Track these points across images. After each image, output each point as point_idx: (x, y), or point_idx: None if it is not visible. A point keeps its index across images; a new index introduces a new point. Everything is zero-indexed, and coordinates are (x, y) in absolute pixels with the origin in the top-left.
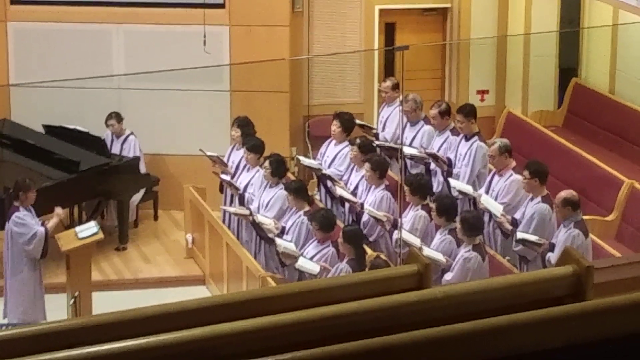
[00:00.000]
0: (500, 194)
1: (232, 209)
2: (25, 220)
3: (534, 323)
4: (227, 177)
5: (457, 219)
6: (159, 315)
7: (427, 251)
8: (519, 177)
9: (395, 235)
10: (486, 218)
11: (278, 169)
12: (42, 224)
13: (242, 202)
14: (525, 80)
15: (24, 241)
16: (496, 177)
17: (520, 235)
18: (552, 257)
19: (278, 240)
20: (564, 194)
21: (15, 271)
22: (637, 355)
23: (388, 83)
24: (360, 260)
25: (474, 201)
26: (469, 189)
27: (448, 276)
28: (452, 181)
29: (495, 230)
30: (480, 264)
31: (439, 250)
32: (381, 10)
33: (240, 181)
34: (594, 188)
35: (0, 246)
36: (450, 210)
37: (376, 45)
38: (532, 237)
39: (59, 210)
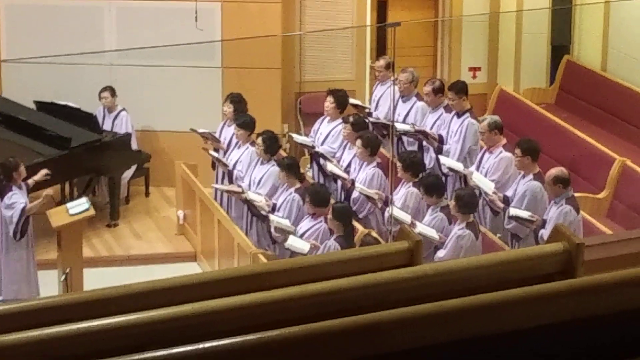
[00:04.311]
0: (489, 171)
1: (224, 187)
2: (13, 201)
3: (524, 300)
4: (216, 154)
5: (452, 195)
6: (149, 292)
7: (421, 227)
8: (508, 154)
9: (387, 212)
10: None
11: (271, 146)
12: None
13: (230, 179)
14: (518, 57)
15: (10, 219)
16: (486, 154)
17: (512, 211)
18: (545, 233)
19: (272, 216)
20: (554, 171)
21: (10, 249)
22: (626, 333)
23: (381, 62)
24: (349, 237)
25: (464, 179)
26: (459, 166)
27: (441, 253)
28: (442, 158)
29: (484, 208)
30: (474, 242)
31: (431, 228)
32: None
33: (231, 158)
34: (586, 165)
35: None
36: (437, 188)
37: (368, 22)
38: (525, 214)
39: (48, 191)
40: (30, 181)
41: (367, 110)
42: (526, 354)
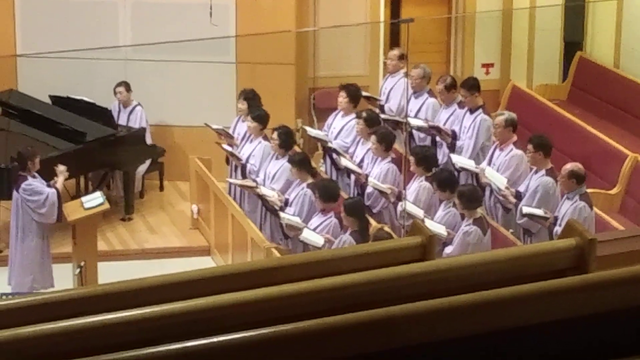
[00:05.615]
0: (500, 168)
1: (238, 182)
2: (34, 186)
3: (537, 295)
4: (229, 148)
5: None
6: (163, 285)
7: (429, 224)
8: (519, 152)
9: (400, 207)
10: (487, 192)
11: (286, 141)
12: (49, 186)
13: (244, 173)
14: (530, 53)
15: (37, 206)
16: (497, 151)
17: (526, 209)
18: (559, 230)
19: (282, 214)
20: (570, 166)
21: (24, 240)
22: (639, 328)
23: (395, 52)
24: (364, 232)
25: (476, 176)
26: (470, 164)
27: (448, 249)
28: (453, 157)
29: (495, 205)
30: (481, 238)
31: (443, 223)
32: None
33: (243, 152)
34: (598, 161)
35: (6, 216)
36: (450, 183)
37: (382, 18)
38: (539, 211)
39: (61, 167)
40: (59, 185)
41: (379, 103)
42: (538, 349)
